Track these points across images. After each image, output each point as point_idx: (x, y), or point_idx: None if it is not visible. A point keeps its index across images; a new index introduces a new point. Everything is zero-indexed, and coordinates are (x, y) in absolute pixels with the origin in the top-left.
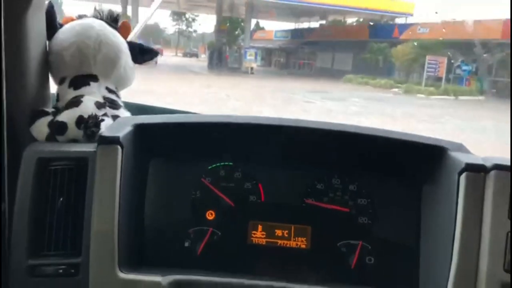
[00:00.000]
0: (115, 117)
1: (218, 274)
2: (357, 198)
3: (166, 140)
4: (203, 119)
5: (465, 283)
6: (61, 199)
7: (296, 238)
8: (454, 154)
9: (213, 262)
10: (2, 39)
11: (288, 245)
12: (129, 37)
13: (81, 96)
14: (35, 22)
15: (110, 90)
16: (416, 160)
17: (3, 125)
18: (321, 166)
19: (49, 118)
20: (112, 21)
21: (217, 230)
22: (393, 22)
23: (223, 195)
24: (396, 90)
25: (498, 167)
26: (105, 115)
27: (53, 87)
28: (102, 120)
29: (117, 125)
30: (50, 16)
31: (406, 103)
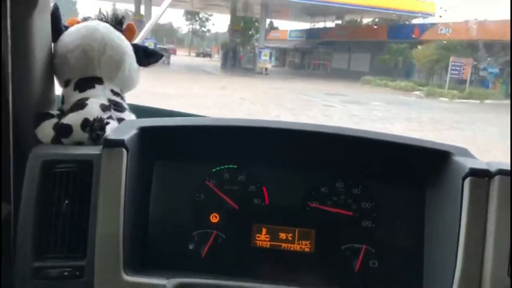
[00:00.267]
0: (120, 120)
1: (222, 277)
2: (361, 202)
3: (171, 143)
4: (208, 122)
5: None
6: (66, 202)
7: (300, 242)
8: (458, 159)
9: (217, 265)
10: (8, 41)
11: (292, 249)
12: (138, 37)
13: (86, 99)
14: (40, 25)
15: (115, 93)
16: (420, 164)
17: (9, 127)
18: (325, 170)
19: (54, 121)
20: (117, 24)
21: (221, 233)
22: (409, 22)
23: (227, 198)
24: (418, 93)
25: (502, 172)
26: (110, 118)
27: (58, 90)
28: (107, 123)
29: (122, 128)
30: (55, 19)
31: (431, 107)
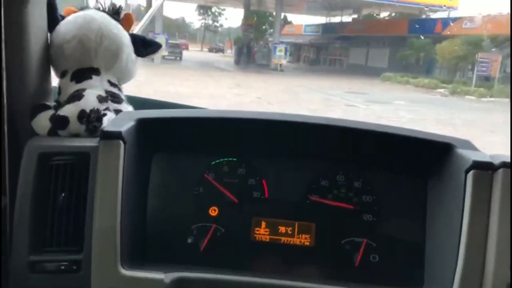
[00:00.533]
0: (118, 111)
1: (221, 271)
2: (362, 195)
3: (169, 135)
4: (207, 114)
5: (471, 282)
6: (63, 195)
7: (300, 235)
8: (461, 151)
9: (216, 259)
10: (2, 32)
11: (292, 242)
12: (138, 27)
13: (83, 90)
14: (36, 14)
15: (112, 84)
16: (423, 157)
17: (4, 119)
18: (326, 163)
19: (51, 112)
20: (114, 13)
21: (220, 227)
22: (428, 16)
23: (227, 191)
24: (442, 91)
25: (506, 165)
26: (107, 109)
27: (55, 81)
28: (104, 115)
29: (120, 120)
30: (52, 8)
31: (459, 107)
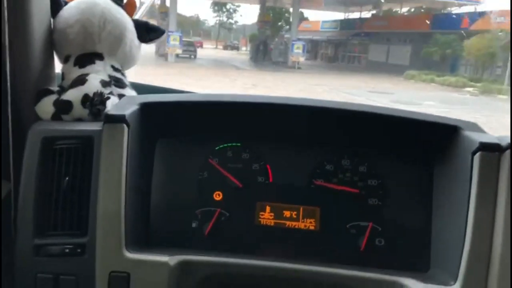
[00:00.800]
0: (121, 96)
1: (226, 255)
2: (367, 179)
3: (173, 120)
4: (211, 98)
5: (478, 265)
6: (67, 179)
7: (305, 220)
8: (468, 133)
9: (221, 243)
10: (5, 17)
11: (297, 227)
12: (139, 13)
13: (87, 75)
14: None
15: (116, 69)
16: (428, 140)
17: (8, 104)
18: (331, 147)
19: (54, 97)
20: None
21: (225, 211)
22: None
23: (231, 176)
24: (470, 90)
25: None
26: (111, 94)
27: (58, 66)
28: (108, 98)
29: (124, 104)
30: None
31: (494, 108)
